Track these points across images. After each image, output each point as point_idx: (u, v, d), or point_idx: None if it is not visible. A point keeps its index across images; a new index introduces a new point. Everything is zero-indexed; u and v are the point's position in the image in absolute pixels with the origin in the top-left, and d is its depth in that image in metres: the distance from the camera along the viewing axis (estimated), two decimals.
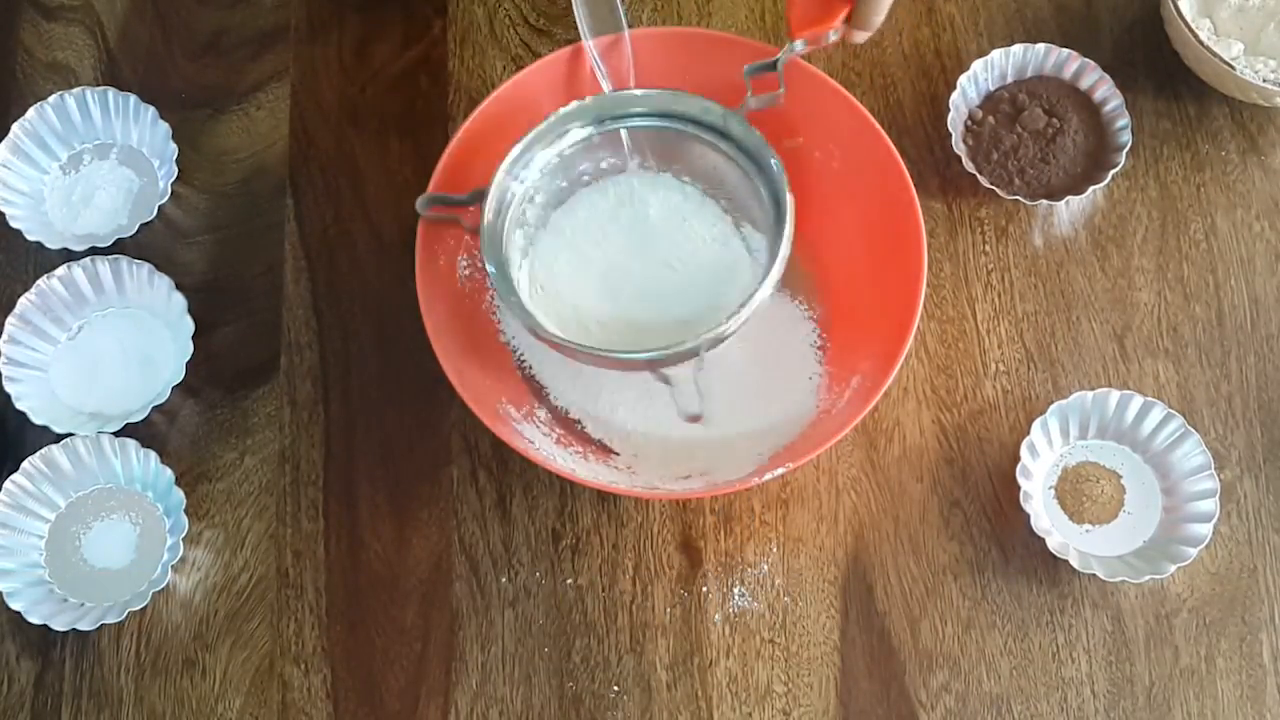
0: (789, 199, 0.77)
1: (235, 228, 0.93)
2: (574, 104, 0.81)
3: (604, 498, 0.85)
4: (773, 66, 0.81)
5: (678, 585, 0.83)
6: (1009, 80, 0.92)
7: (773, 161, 0.79)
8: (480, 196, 0.80)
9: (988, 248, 0.90)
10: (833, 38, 0.80)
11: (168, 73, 0.97)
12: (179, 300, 0.87)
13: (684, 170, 0.85)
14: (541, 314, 0.79)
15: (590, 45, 0.84)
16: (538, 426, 0.82)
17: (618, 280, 0.83)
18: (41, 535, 0.85)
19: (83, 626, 0.80)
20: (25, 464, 0.83)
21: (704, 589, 0.83)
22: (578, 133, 0.82)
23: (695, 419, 0.81)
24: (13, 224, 0.90)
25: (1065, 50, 0.90)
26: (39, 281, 0.87)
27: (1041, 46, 0.91)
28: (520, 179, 0.81)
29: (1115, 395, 0.83)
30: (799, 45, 0.80)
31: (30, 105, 0.92)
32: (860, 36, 0.80)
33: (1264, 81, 0.88)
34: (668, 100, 0.82)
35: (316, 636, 0.83)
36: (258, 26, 0.98)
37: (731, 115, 0.80)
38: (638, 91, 0.82)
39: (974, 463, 0.85)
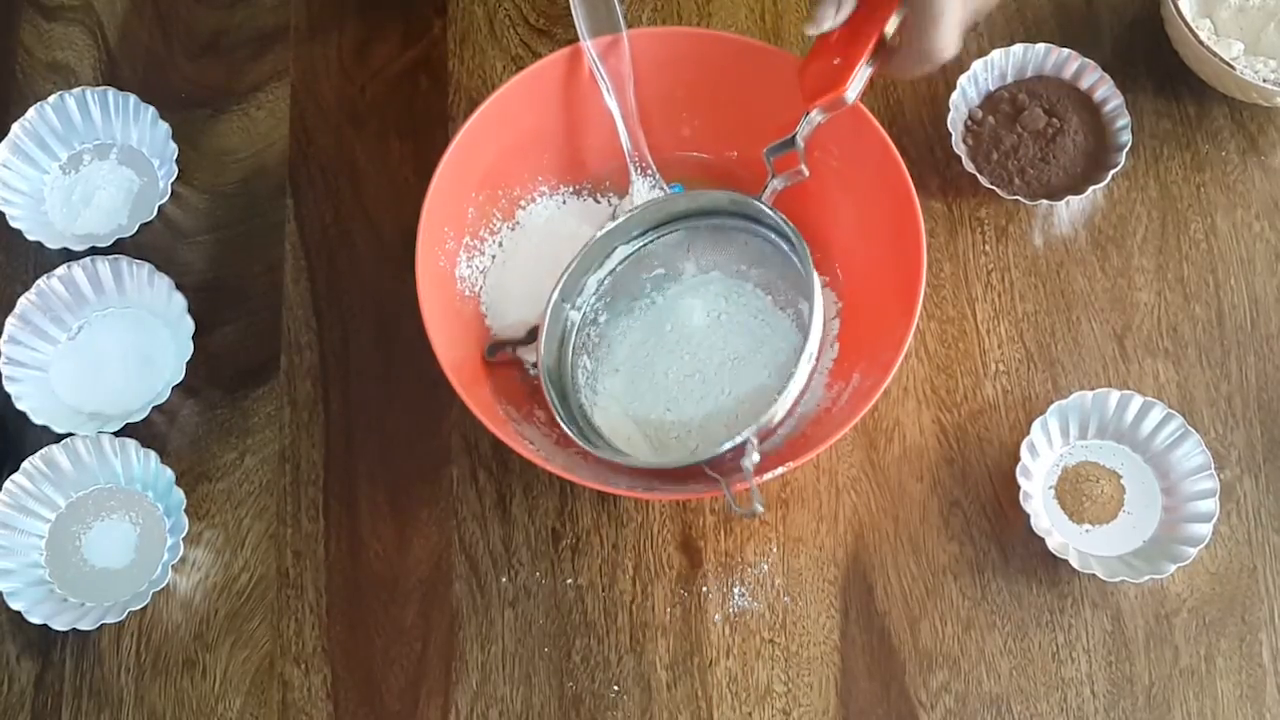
0: (814, 277, 0.78)
1: (235, 228, 0.93)
2: (609, 225, 0.83)
3: (604, 498, 0.85)
4: (791, 144, 0.78)
5: (678, 585, 0.83)
6: (1009, 80, 0.92)
7: (794, 238, 0.79)
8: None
9: (988, 248, 0.90)
10: (850, 100, 0.76)
11: (168, 73, 0.97)
12: (179, 300, 0.87)
13: (736, 259, 0.84)
14: (608, 430, 0.81)
15: (589, 46, 0.84)
16: (537, 427, 0.82)
17: (670, 389, 0.82)
18: (42, 535, 0.84)
19: (83, 626, 0.80)
20: (25, 464, 0.83)
21: (704, 589, 0.83)
22: (623, 249, 0.84)
23: (754, 517, 0.76)
24: (13, 224, 0.90)
25: (1065, 50, 0.90)
26: (39, 281, 0.87)
27: (1041, 46, 0.91)
28: (577, 305, 0.83)
29: (1115, 395, 0.83)
30: (816, 115, 0.77)
31: (30, 105, 0.92)
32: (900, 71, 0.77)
33: (1264, 81, 0.88)
34: (695, 201, 0.83)
35: (316, 636, 0.83)
36: (258, 26, 0.98)
37: (754, 201, 0.80)
38: (663, 197, 0.84)
39: (974, 463, 0.85)
